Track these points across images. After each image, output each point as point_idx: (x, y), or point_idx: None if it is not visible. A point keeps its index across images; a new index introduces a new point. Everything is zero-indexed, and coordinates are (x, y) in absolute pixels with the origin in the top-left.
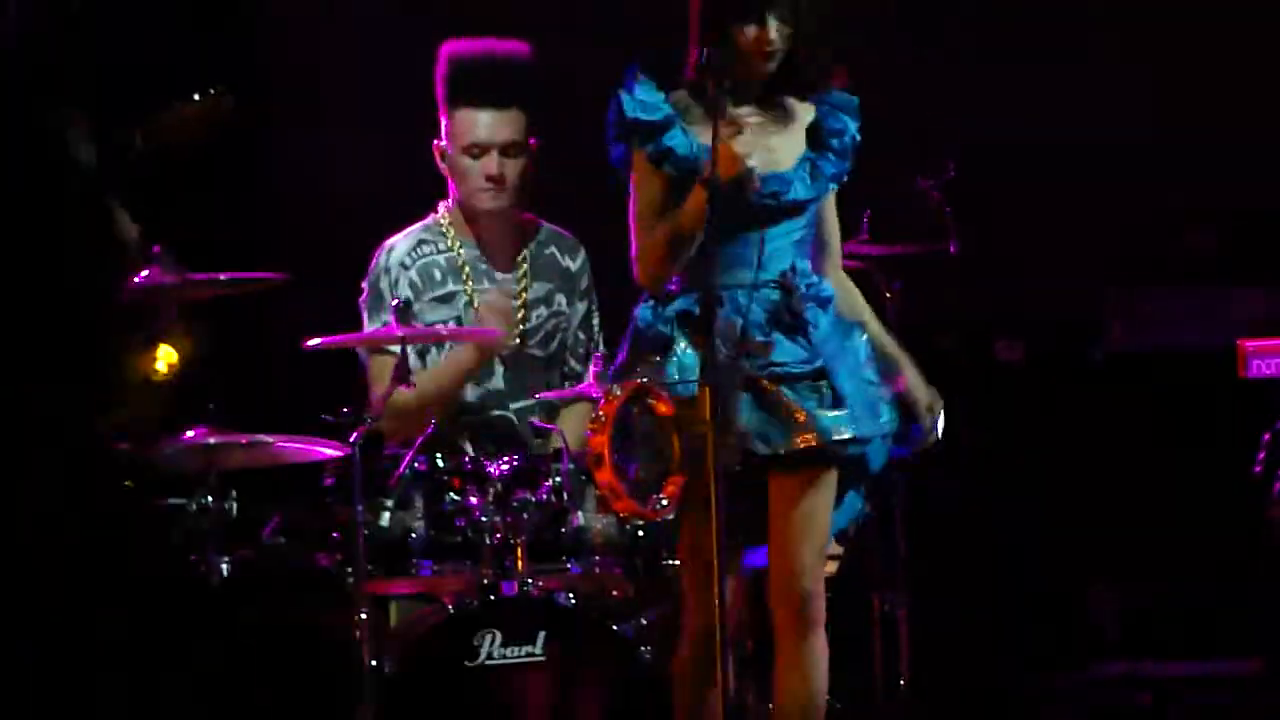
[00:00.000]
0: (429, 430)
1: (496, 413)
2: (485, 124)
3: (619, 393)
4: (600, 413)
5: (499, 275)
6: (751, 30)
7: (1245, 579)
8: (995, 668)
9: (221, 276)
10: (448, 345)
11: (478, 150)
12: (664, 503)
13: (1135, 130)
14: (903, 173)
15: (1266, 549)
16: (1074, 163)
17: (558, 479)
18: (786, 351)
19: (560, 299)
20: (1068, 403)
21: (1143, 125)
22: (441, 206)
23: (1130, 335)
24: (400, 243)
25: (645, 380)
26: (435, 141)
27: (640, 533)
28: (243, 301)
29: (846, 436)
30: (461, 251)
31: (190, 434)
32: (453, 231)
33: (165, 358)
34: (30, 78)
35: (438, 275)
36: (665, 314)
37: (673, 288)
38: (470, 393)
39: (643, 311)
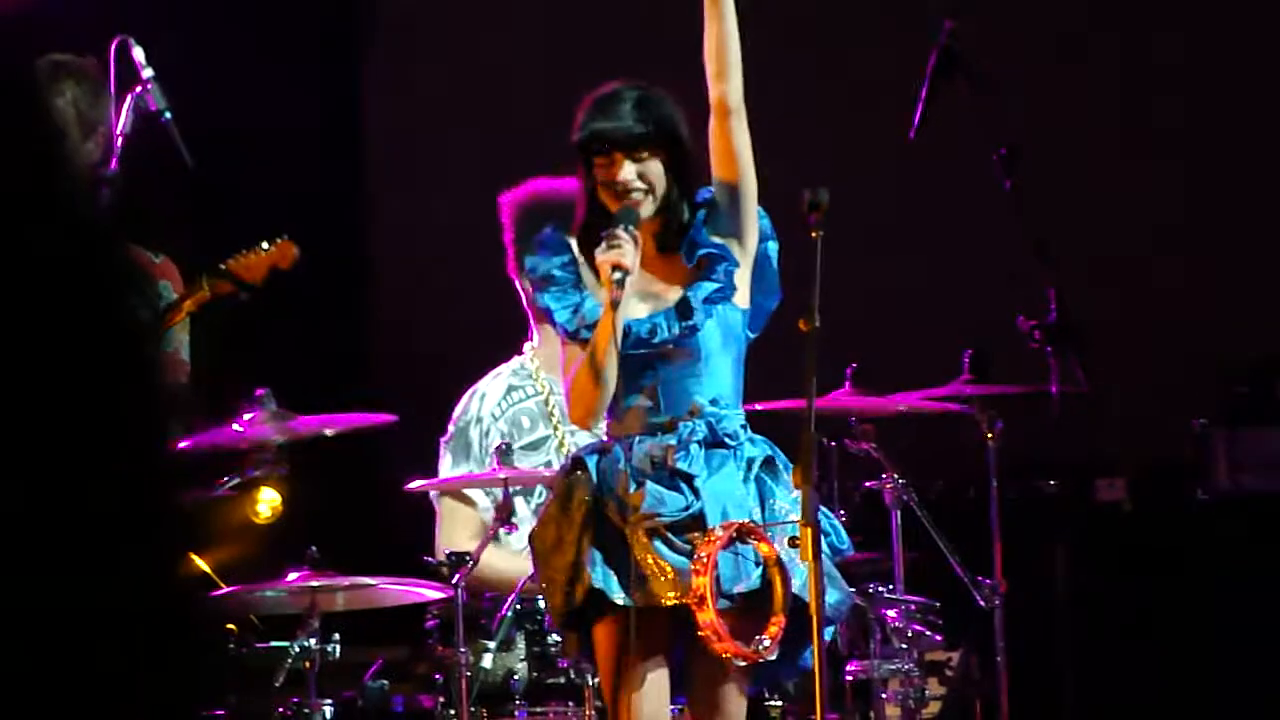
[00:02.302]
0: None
1: None
2: None
3: (720, 533)
4: (702, 554)
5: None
6: (603, 175)
7: None
8: None
9: (323, 419)
10: (538, 493)
11: None
12: (766, 643)
13: (1235, 268)
14: (1004, 313)
15: None
16: (1176, 301)
17: None
18: (661, 499)
19: None
20: (1170, 544)
21: (1240, 263)
22: (527, 347)
23: (1234, 478)
24: (490, 389)
25: (749, 520)
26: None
27: None
28: (345, 443)
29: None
30: (550, 394)
31: (293, 576)
32: (541, 373)
33: (267, 501)
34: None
35: (527, 423)
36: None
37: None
38: None
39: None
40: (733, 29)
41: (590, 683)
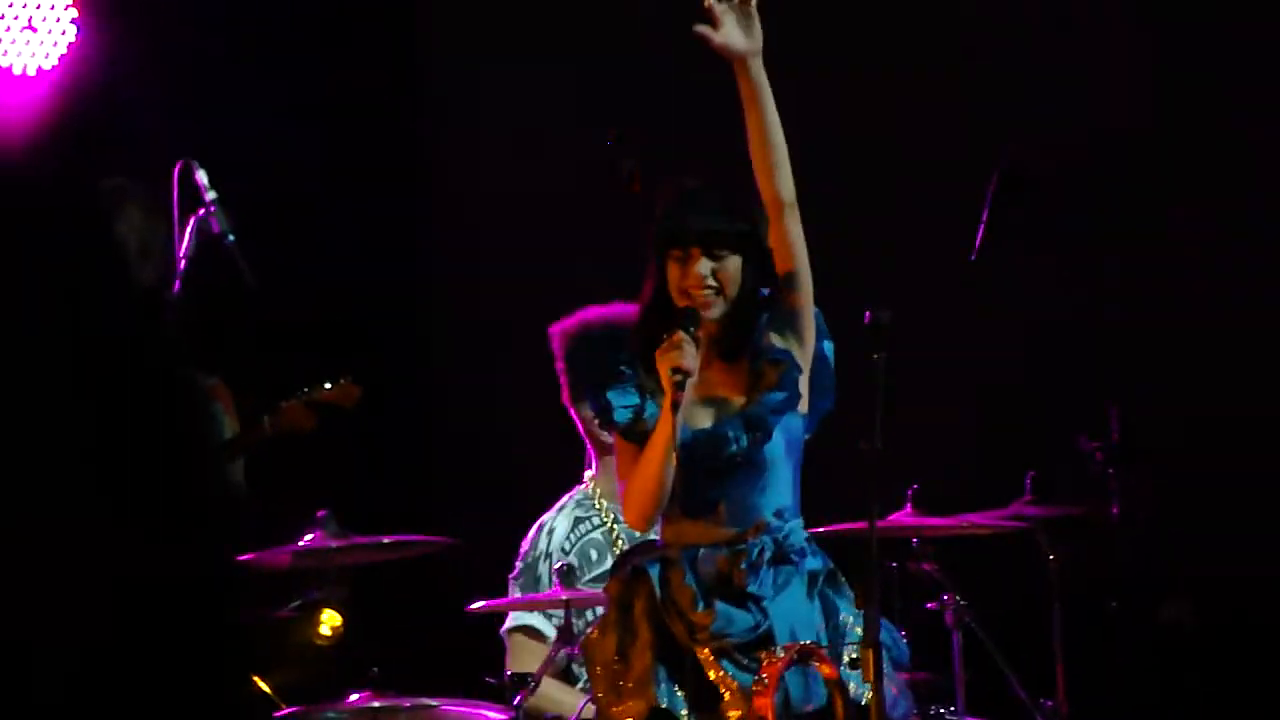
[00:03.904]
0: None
1: None
2: None
3: (782, 654)
4: (763, 675)
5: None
6: (676, 270)
7: None
8: None
9: (385, 540)
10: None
11: None
12: None
13: None
14: (1066, 433)
15: None
16: (1240, 422)
17: None
18: (731, 620)
19: None
20: (1237, 664)
21: None
22: (587, 476)
23: None
24: (558, 524)
25: (810, 642)
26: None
27: None
28: (405, 565)
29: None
30: (614, 523)
31: (355, 697)
32: (604, 502)
33: (329, 621)
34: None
35: (594, 555)
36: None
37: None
38: None
39: None
40: (774, 120)
41: None
